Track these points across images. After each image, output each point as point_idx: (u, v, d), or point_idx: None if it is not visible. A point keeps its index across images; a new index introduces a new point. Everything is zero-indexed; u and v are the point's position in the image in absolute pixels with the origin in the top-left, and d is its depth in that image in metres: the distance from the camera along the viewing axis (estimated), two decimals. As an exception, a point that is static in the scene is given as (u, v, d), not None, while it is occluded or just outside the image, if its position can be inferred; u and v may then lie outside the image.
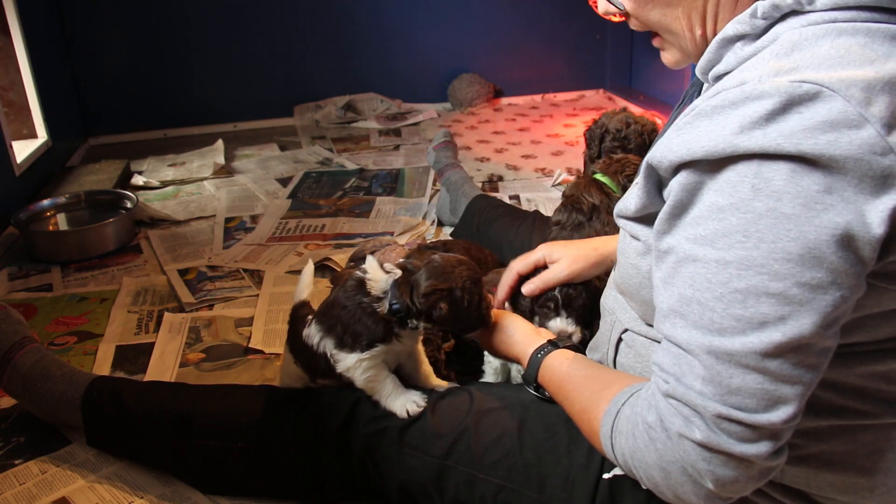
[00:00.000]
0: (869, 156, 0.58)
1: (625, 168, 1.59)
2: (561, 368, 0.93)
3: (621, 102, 3.85)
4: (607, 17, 0.86)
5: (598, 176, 1.59)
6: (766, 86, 0.61)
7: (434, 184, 2.74)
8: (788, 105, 0.60)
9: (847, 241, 0.60)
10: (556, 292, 1.17)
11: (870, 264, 0.61)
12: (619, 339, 0.94)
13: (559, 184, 2.71)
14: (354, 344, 1.06)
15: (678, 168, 0.67)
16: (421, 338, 1.16)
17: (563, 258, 1.16)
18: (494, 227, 1.91)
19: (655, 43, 0.84)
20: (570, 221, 1.57)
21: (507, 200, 2.45)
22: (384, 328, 1.06)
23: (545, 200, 2.53)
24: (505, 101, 4.01)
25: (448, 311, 1.03)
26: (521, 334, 1.05)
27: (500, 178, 2.81)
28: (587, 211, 1.55)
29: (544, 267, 1.19)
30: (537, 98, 4.05)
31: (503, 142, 3.31)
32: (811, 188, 0.59)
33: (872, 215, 0.59)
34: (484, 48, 3.91)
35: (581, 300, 1.17)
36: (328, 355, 1.09)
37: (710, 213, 0.64)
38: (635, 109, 3.65)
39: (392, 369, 1.11)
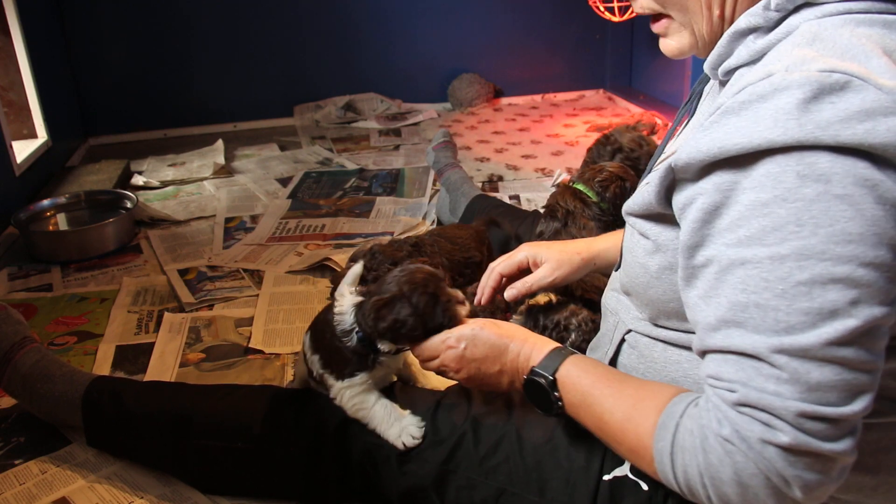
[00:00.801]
0: None
1: (597, 175, 1.66)
2: (596, 369, 0.85)
3: (621, 102, 3.86)
4: None
5: (576, 184, 1.67)
6: (795, 76, 0.60)
7: (434, 184, 2.74)
8: (819, 94, 0.59)
9: None
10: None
11: None
12: (622, 340, 0.93)
13: (559, 184, 2.71)
14: (339, 372, 1.06)
15: (708, 168, 0.66)
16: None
17: (547, 262, 1.14)
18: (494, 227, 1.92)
19: (658, 28, 0.80)
20: (549, 230, 1.65)
21: (507, 200, 2.45)
22: (358, 360, 1.05)
23: (545, 200, 2.53)
24: (505, 101, 4.01)
25: (391, 321, 0.99)
26: (519, 329, 0.96)
27: (500, 178, 2.81)
28: (562, 217, 1.62)
29: (528, 270, 1.17)
30: (537, 98, 4.05)
31: (503, 142, 3.31)
32: (858, 166, 0.59)
33: None
34: (484, 48, 3.91)
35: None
36: (315, 372, 1.10)
37: (752, 210, 0.62)
38: (635, 109, 3.66)
39: (387, 384, 1.11)
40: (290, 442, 1.12)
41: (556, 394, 0.85)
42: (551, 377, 0.85)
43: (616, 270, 0.98)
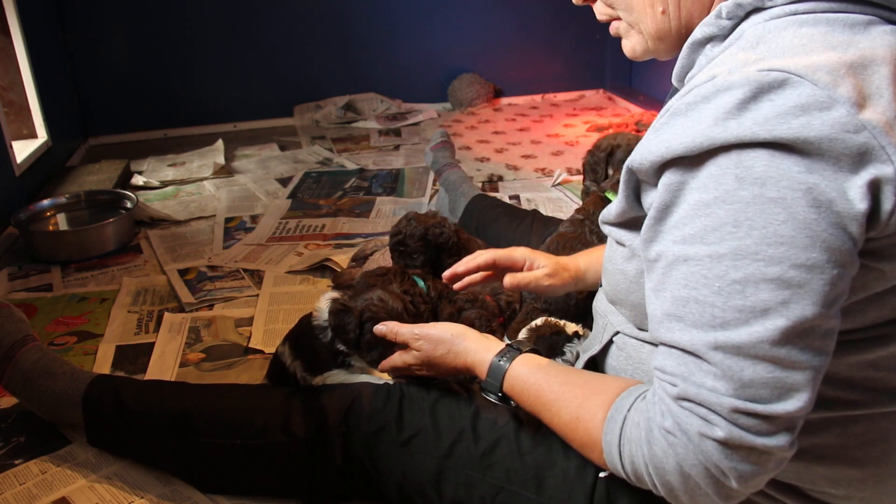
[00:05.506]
0: (843, 134, 0.59)
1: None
2: (535, 375, 0.88)
3: (621, 102, 3.86)
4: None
5: (608, 194, 1.54)
6: (735, 77, 0.62)
7: (434, 184, 2.74)
8: (759, 93, 0.61)
9: (835, 218, 0.60)
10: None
11: (860, 241, 0.62)
12: (610, 342, 0.94)
13: (559, 184, 2.71)
14: (317, 371, 1.21)
15: (660, 169, 0.68)
16: None
17: (545, 266, 1.14)
18: (494, 227, 1.92)
19: (612, 30, 0.84)
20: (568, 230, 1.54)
21: (507, 200, 2.45)
22: (331, 356, 1.18)
23: (545, 200, 2.54)
24: (505, 101, 4.01)
25: (335, 326, 1.15)
26: (472, 340, 0.99)
27: (500, 178, 2.81)
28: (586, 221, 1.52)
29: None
30: (537, 98, 4.05)
31: (503, 142, 3.31)
32: (793, 169, 0.60)
33: (853, 192, 0.60)
34: (484, 48, 3.91)
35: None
36: (299, 376, 1.23)
37: (696, 210, 0.65)
38: (635, 109, 3.66)
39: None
40: (289, 440, 1.12)
41: (511, 403, 0.92)
42: (499, 392, 0.92)
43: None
